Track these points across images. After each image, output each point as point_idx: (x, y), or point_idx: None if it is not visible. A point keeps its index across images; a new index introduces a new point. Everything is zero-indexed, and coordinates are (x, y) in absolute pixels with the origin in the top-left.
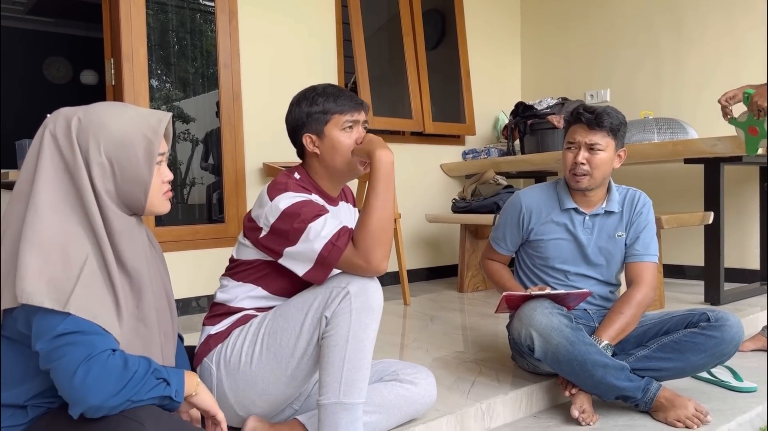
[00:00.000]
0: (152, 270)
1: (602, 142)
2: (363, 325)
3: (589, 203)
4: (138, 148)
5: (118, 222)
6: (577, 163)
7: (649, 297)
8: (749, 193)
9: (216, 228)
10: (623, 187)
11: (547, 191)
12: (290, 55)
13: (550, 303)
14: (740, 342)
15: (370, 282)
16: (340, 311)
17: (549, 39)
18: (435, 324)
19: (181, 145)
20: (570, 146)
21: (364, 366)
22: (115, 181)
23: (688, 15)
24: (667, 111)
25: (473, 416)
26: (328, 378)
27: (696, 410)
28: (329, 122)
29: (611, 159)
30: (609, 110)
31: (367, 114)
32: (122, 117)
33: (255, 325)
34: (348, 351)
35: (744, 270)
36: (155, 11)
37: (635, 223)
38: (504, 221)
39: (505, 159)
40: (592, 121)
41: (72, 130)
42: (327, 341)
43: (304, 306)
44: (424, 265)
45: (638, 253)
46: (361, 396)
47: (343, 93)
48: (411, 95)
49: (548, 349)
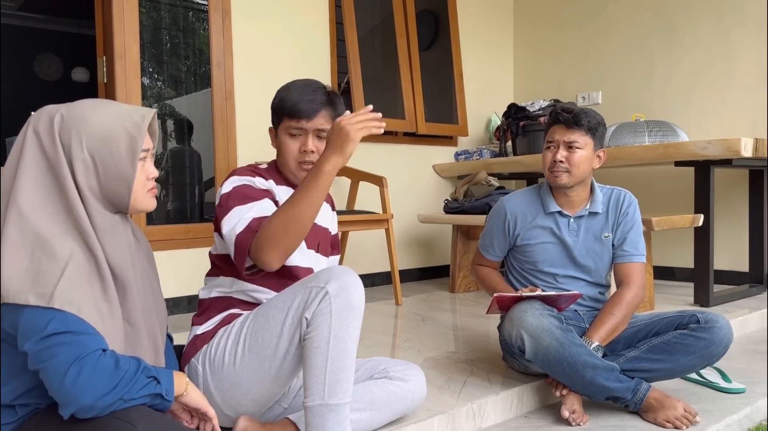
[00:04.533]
0: (138, 269)
1: (580, 140)
2: (344, 325)
3: (573, 205)
4: (120, 144)
5: (101, 219)
6: (555, 161)
7: (639, 297)
8: (739, 196)
9: (208, 227)
10: (607, 187)
11: (531, 196)
12: (283, 54)
13: (540, 305)
14: (729, 343)
15: (350, 280)
16: (319, 312)
17: (541, 41)
18: (426, 325)
19: (173, 143)
20: (549, 145)
21: (348, 366)
22: (98, 177)
23: (680, 19)
24: (658, 114)
25: (464, 416)
26: (311, 380)
27: (685, 411)
28: (281, 122)
29: (590, 158)
30: (587, 110)
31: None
32: (104, 113)
33: (237, 326)
34: (330, 352)
35: (733, 272)
36: (148, 9)
37: (622, 224)
38: (490, 228)
39: (497, 160)
40: (569, 120)
41: (54, 126)
42: (308, 343)
43: (284, 306)
44: (415, 265)
45: (627, 254)
46: (347, 396)
47: (304, 96)
48: (404, 96)
49: (539, 350)
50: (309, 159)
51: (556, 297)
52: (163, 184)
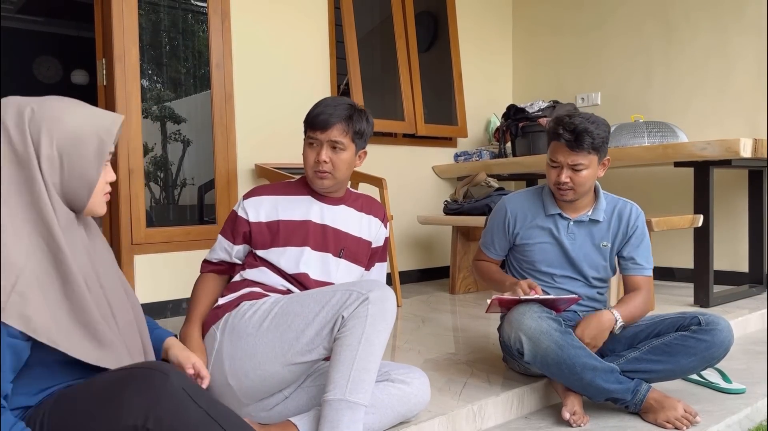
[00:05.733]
0: (95, 268)
1: (585, 161)
2: (376, 330)
3: (575, 209)
4: (90, 146)
5: (63, 215)
6: (560, 182)
7: (651, 305)
8: (738, 196)
9: (207, 229)
10: (612, 196)
11: (532, 196)
12: (283, 56)
13: (539, 308)
14: (730, 346)
15: (389, 295)
16: (356, 314)
17: (540, 42)
18: (427, 326)
19: (172, 145)
20: (553, 164)
21: (372, 369)
22: (62, 175)
23: (679, 20)
24: (657, 114)
25: (465, 417)
26: (336, 375)
27: (685, 411)
28: (305, 133)
29: (595, 172)
30: (590, 128)
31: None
32: (77, 114)
33: (269, 303)
34: (359, 351)
35: (733, 272)
36: (147, 11)
37: (631, 237)
38: (491, 226)
39: (496, 161)
40: (572, 143)
41: (25, 119)
42: (341, 341)
43: (321, 300)
44: (415, 267)
45: (640, 267)
46: (366, 399)
47: (326, 109)
48: (403, 97)
49: (537, 353)
50: (322, 168)
51: (554, 300)
52: (164, 186)
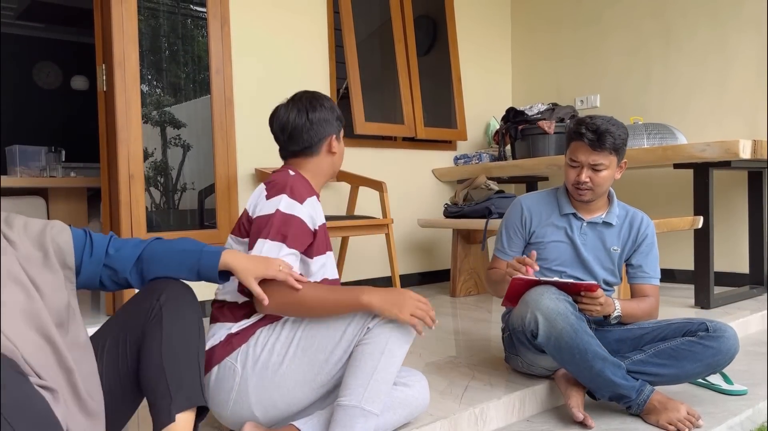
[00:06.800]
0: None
1: (605, 161)
2: (399, 343)
3: (589, 210)
4: None
5: None
6: (580, 182)
7: (657, 312)
8: (738, 198)
9: (208, 234)
10: (625, 204)
11: (547, 197)
12: (282, 60)
13: (557, 290)
14: (735, 353)
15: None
16: (382, 324)
17: (539, 45)
18: (428, 329)
19: (173, 150)
20: (573, 164)
21: (389, 381)
22: None
23: (677, 21)
24: (657, 116)
25: (466, 420)
26: (355, 382)
27: (688, 413)
28: (341, 130)
29: (613, 173)
30: (611, 129)
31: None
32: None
33: (289, 327)
34: (381, 362)
35: (733, 273)
36: (147, 17)
37: (641, 245)
38: (506, 225)
39: (496, 164)
40: (594, 142)
41: None
42: (363, 348)
43: (347, 316)
44: (416, 270)
45: (647, 275)
46: (379, 409)
47: None
48: (403, 101)
49: (552, 334)
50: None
51: (572, 284)
52: (165, 191)
